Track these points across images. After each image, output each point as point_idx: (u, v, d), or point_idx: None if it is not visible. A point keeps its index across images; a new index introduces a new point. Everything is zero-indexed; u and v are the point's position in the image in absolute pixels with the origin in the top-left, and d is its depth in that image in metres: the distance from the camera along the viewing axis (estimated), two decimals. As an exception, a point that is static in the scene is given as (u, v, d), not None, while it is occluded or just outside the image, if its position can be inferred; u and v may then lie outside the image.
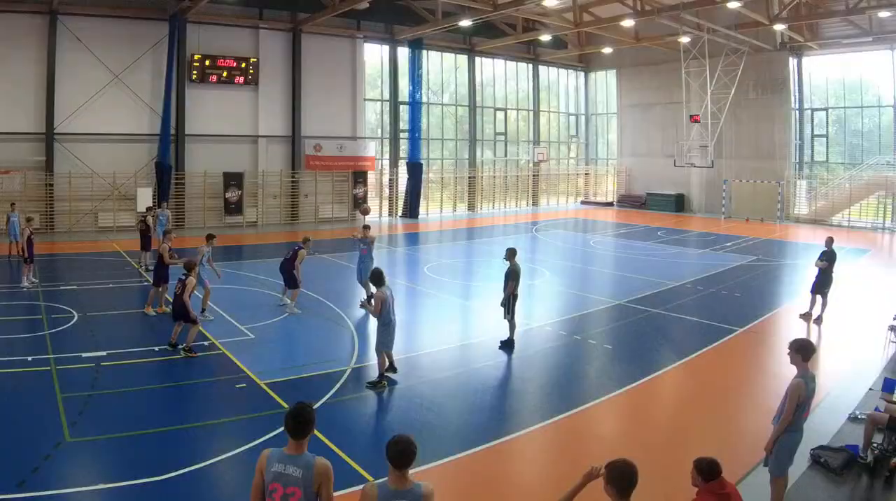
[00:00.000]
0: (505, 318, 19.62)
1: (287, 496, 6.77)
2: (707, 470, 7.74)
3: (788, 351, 10.34)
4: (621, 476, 6.70)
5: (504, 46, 58.16)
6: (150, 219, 30.12)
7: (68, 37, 40.08)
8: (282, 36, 47.92)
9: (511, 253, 19.73)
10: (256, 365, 17.23)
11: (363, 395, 15.84)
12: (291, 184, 48.93)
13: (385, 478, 6.75)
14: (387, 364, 16.50)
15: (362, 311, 22.95)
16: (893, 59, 49.08)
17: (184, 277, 18.07)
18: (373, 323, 17.75)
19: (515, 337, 19.61)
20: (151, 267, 28.44)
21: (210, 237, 23.95)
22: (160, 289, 22.65)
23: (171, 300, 18.46)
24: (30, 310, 22.67)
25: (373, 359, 17.49)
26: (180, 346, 17.87)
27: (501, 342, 19.52)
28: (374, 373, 16.70)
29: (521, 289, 20.06)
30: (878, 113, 52.11)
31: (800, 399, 9.98)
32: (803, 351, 10.18)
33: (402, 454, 6.60)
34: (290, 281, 23.28)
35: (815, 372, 11.33)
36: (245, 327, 20.69)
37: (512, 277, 19.47)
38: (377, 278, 16.81)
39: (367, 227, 25.23)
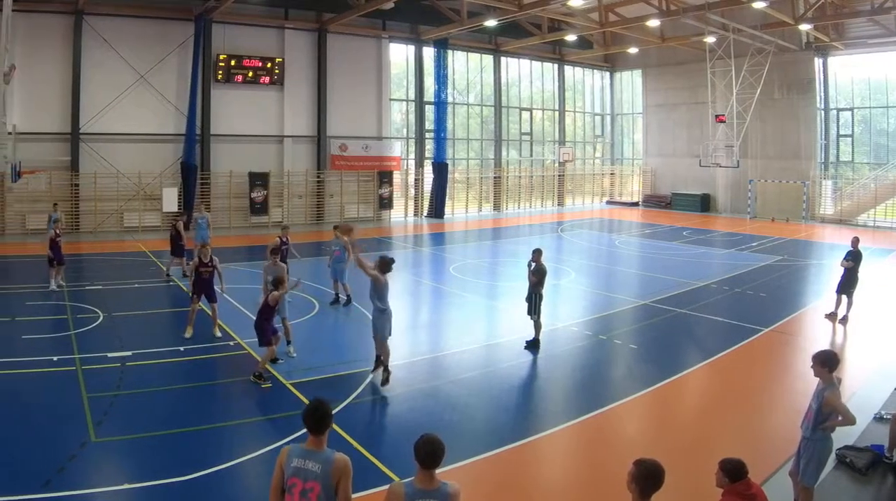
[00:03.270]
0: (530, 317, 19.58)
1: (306, 490, 6.83)
2: (733, 471, 7.72)
3: (812, 364, 10.25)
4: (646, 476, 6.65)
5: (529, 46, 58.04)
6: (179, 225, 29.40)
7: (94, 37, 40.33)
8: (307, 36, 48.05)
9: (537, 254, 19.72)
10: (282, 365, 17.30)
11: (388, 395, 15.84)
12: (317, 184, 49.08)
13: (412, 478, 6.77)
14: (388, 353, 16.46)
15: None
16: (919, 59, 48.86)
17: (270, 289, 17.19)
18: (397, 322, 17.64)
19: (541, 337, 19.58)
20: (171, 274, 28.33)
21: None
22: (210, 306, 20.66)
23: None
24: (55, 310, 22.76)
25: (399, 360, 17.51)
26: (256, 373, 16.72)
27: (527, 342, 19.49)
28: (397, 374, 16.64)
29: (547, 289, 20.03)
30: (904, 112, 51.81)
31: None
32: (829, 363, 10.06)
33: (432, 454, 6.63)
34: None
35: (842, 372, 11.28)
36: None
37: (538, 276, 19.47)
38: (386, 265, 16.53)
39: (337, 228, 24.98)
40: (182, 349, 18.63)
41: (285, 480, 6.94)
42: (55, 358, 17.46)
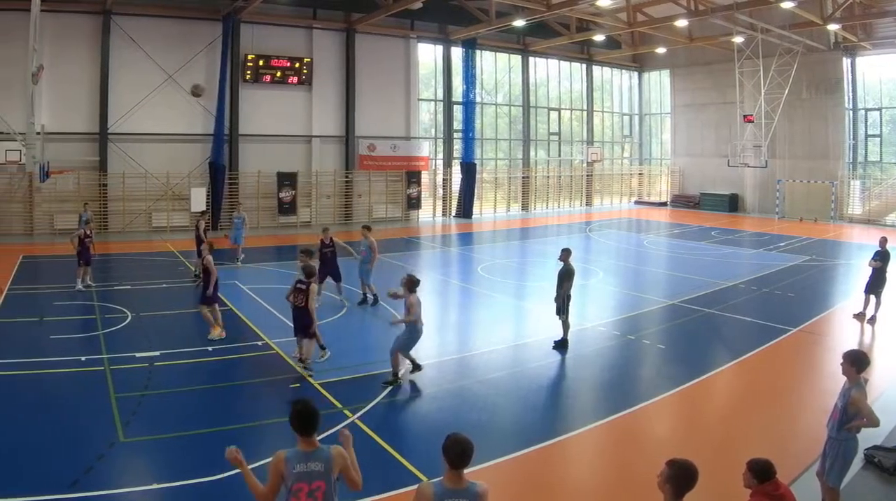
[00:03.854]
0: (559, 317, 19.52)
1: (313, 491, 6.97)
2: (761, 471, 7.70)
3: (842, 362, 10.21)
4: (682, 477, 6.70)
5: (558, 46, 57.98)
6: (201, 225, 28.98)
7: (122, 37, 40.53)
8: (336, 36, 48.16)
9: (566, 254, 19.67)
10: (311, 365, 17.22)
11: (416, 395, 15.94)
12: (345, 184, 49.17)
13: (440, 478, 6.81)
14: (400, 363, 16.56)
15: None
16: (949, 59, 48.58)
17: (304, 285, 16.95)
18: (425, 322, 17.55)
19: (569, 337, 19.55)
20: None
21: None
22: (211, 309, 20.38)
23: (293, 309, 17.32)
24: (84, 310, 22.89)
25: (425, 360, 17.55)
26: (304, 361, 16.99)
27: (555, 342, 19.45)
28: (425, 374, 16.92)
29: (575, 289, 20.03)
30: (933, 113, 51.50)
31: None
32: (858, 363, 10.02)
33: (461, 454, 6.67)
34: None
35: (869, 372, 11.25)
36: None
37: (566, 277, 19.40)
38: (413, 284, 16.54)
39: (366, 228, 25.21)
40: (210, 349, 18.68)
41: (289, 486, 7.01)
42: (83, 358, 17.55)
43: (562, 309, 19.44)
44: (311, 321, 16.76)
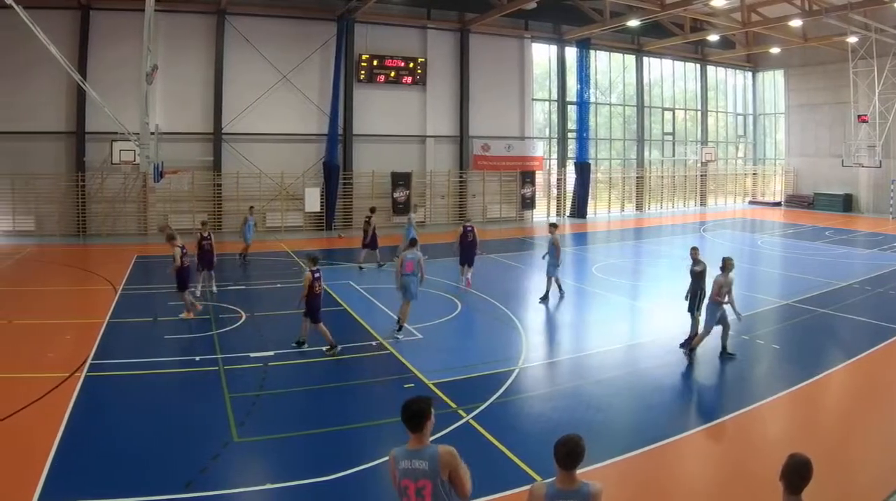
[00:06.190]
0: (692, 315, 19.44)
1: (419, 489, 6.83)
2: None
3: None
4: (791, 470, 6.62)
5: (672, 46, 57.58)
6: (373, 219, 31.16)
7: (236, 36, 41.15)
8: (450, 36, 48.29)
9: (695, 252, 19.85)
10: (424, 365, 17.28)
11: (530, 395, 15.87)
12: (459, 184, 49.25)
13: (553, 478, 6.72)
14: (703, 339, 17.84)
15: (530, 311, 23.64)
16: None
17: (319, 273, 18.60)
18: (539, 322, 17.46)
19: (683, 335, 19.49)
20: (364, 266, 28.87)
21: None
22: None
23: None
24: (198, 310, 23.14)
25: (541, 360, 18.19)
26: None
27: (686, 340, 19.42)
28: (540, 374, 17.32)
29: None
30: None
31: None
32: None
33: (569, 454, 6.57)
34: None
35: None
36: (413, 327, 20.55)
37: (702, 275, 19.45)
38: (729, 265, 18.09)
39: (553, 226, 25.76)
40: (324, 349, 18.61)
41: (398, 482, 6.93)
42: (198, 359, 17.78)
43: (695, 305, 19.44)
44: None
